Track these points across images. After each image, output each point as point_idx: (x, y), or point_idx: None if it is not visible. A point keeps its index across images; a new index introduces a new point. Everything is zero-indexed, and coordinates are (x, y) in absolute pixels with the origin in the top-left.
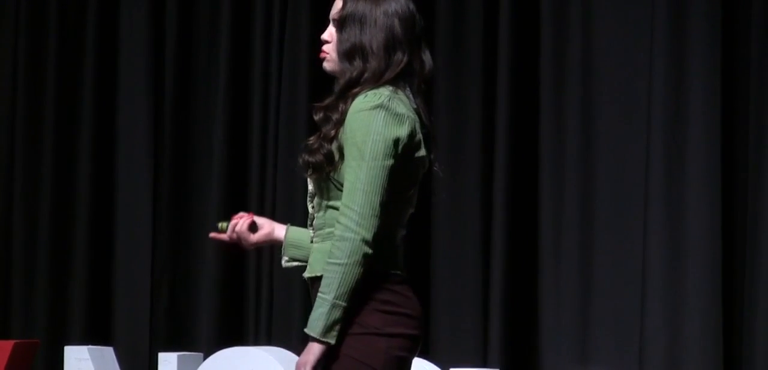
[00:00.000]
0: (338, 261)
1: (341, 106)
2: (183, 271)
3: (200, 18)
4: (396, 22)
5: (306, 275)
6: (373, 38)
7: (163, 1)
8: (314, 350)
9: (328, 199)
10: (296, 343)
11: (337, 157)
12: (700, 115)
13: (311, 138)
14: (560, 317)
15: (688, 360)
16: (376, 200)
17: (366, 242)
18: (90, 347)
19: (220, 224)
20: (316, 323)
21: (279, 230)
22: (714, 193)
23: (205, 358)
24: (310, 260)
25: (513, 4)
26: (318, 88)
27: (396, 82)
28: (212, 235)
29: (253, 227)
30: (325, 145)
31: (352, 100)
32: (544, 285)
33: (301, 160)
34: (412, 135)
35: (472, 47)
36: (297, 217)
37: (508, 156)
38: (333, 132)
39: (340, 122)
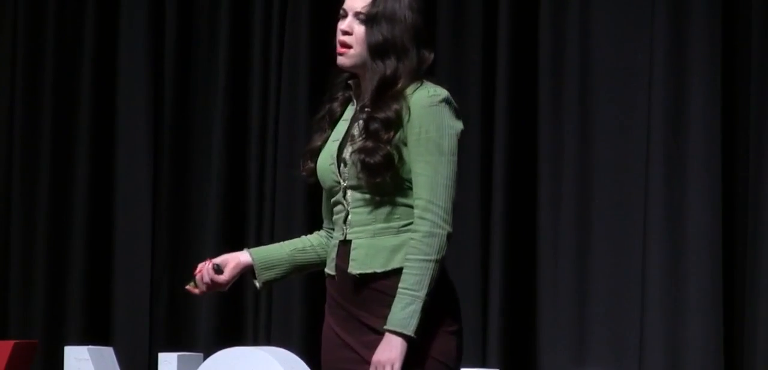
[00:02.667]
0: (428, 257)
1: (395, 107)
2: (183, 271)
3: (200, 18)
4: (418, 17)
5: (357, 271)
6: (404, 35)
7: (163, 1)
8: (399, 347)
9: (383, 194)
10: (296, 342)
11: (396, 159)
12: (700, 115)
13: (363, 139)
14: (559, 318)
15: (688, 361)
16: (454, 194)
17: (450, 237)
18: (90, 347)
19: (189, 285)
20: (408, 321)
21: (244, 256)
22: (714, 193)
23: (205, 358)
24: (356, 256)
25: (512, 3)
26: (318, 88)
27: (428, 77)
28: (188, 288)
29: (217, 270)
30: (384, 146)
31: (403, 96)
32: (543, 285)
33: (359, 162)
34: (463, 131)
35: (471, 47)
36: (296, 216)
37: (506, 156)
38: (390, 134)
39: (395, 123)
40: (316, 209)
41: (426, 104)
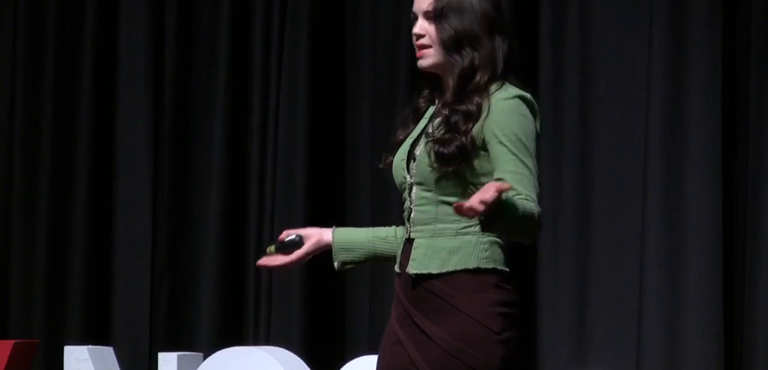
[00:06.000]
0: (527, 212)
1: (477, 99)
2: (183, 271)
3: (200, 17)
4: (487, 3)
5: (414, 271)
6: (474, 23)
7: (163, 2)
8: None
9: (446, 194)
10: (296, 342)
11: (469, 150)
12: (699, 113)
13: (440, 130)
14: (559, 318)
15: (687, 361)
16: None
17: (535, 234)
18: (90, 347)
19: (268, 249)
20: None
21: (326, 235)
22: (713, 192)
23: (205, 358)
24: (416, 256)
25: (512, 3)
26: (318, 87)
27: (508, 72)
28: (261, 262)
29: (299, 241)
30: (459, 137)
31: (486, 93)
32: (542, 285)
33: (432, 152)
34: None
35: None
36: (296, 216)
37: None
38: (468, 126)
39: (476, 116)
40: (315, 209)
41: (507, 108)
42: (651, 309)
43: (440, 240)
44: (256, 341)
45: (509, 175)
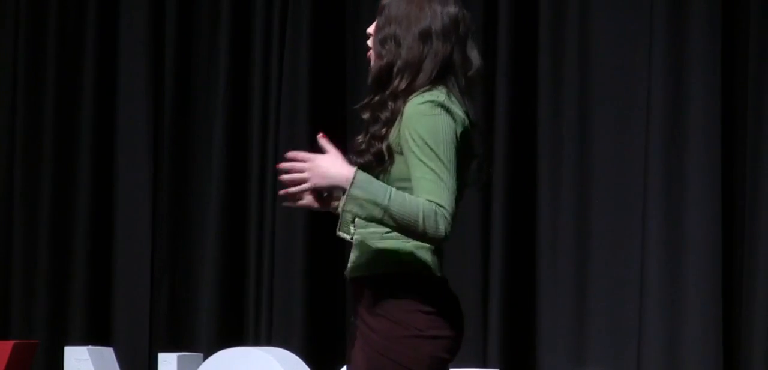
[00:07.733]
0: (416, 220)
1: (391, 105)
2: (183, 271)
3: (200, 18)
4: (435, 13)
5: (348, 273)
6: (407, 27)
7: (163, 1)
8: (341, 173)
9: None
10: (296, 343)
11: (386, 156)
12: (699, 115)
13: (358, 137)
14: (558, 318)
15: (686, 361)
16: (454, 202)
17: (442, 241)
18: (90, 347)
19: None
20: (360, 184)
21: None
22: (713, 192)
23: (205, 358)
24: (351, 258)
25: (512, 3)
26: (318, 88)
27: (444, 78)
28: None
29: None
30: (376, 143)
31: (404, 100)
32: (543, 286)
33: (349, 162)
34: (464, 135)
35: None
36: (297, 216)
37: (506, 157)
38: (383, 131)
39: (391, 121)
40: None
41: (418, 112)
42: (651, 309)
43: (370, 243)
44: (256, 342)
45: (414, 182)
